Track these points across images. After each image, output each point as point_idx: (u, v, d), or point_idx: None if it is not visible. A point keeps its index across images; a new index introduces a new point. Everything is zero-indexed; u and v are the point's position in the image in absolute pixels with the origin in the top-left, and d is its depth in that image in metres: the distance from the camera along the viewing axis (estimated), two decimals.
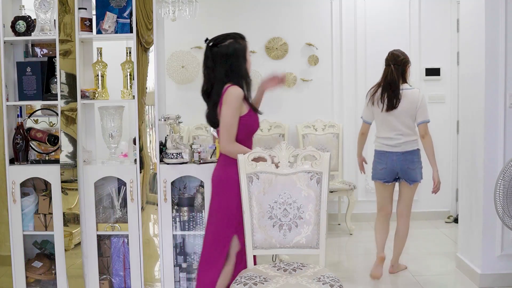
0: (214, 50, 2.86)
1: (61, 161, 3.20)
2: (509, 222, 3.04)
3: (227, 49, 2.83)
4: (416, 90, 3.93)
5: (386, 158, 3.92)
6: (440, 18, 5.72)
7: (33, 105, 3.51)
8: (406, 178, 3.92)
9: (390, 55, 3.99)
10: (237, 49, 2.84)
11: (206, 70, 2.87)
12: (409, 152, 3.88)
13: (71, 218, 3.24)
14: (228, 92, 2.76)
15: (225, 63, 2.82)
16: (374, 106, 3.93)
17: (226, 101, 2.75)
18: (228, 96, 2.75)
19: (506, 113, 3.63)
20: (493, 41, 3.60)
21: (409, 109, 3.85)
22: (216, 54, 2.84)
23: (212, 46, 2.88)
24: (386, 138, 3.91)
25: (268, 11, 5.73)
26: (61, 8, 3.15)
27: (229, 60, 2.82)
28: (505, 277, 3.70)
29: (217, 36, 2.91)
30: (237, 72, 2.83)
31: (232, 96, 2.75)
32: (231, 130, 2.75)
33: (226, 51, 2.82)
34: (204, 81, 2.89)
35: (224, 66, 2.81)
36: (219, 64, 2.82)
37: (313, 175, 2.68)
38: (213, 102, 2.84)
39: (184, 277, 3.32)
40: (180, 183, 3.35)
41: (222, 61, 2.82)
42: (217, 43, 2.87)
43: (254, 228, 2.69)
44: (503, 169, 3.03)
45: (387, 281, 4.01)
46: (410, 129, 3.88)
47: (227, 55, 2.82)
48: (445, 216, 5.79)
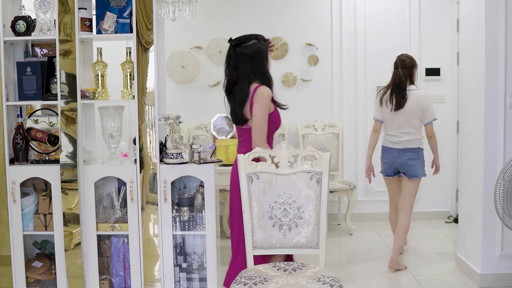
0: (237, 50, 2.99)
1: (61, 161, 3.20)
2: (509, 222, 3.04)
3: (251, 49, 2.97)
4: (422, 91, 4.19)
5: (388, 153, 4.27)
6: (440, 18, 5.72)
7: (33, 105, 3.50)
8: (405, 173, 4.21)
9: (398, 60, 4.24)
10: (261, 50, 2.99)
11: (229, 69, 3.01)
12: (409, 150, 4.16)
13: (71, 218, 3.24)
14: (259, 92, 2.92)
15: (249, 63, 2.96)
16: (383, 106, 4.23)
17: (258, 101, 2.91)
18: (259, 96, 2.91)
19: (506, 113, 3.63)
20: (493, 41, 3.60)
21: (415, 109, 4.13)
22: (240, 53, 2.97)
23: (235, 46, 3.01)
24: (391, 136, 4.22)
25: (268, 11, 5.73)
26: (61, 8, 3.15)
27: (253, 60, 2.96)
28: (505, 277, 3.70)
29: (241, 36, 3.04)
30: (261, 71, 2.98)
31: (264, 96, 2.91)
32: (264, 128, 2.91)
33: (250, 51, 2.96)
34: (227, 79, 3.03)
35: (248, 65, 2.96)
36: (243, 63, 2.96)
37: (313, 175, 2.68)
38: (239, 100, 2.95)
39: (184, 277, 3.32)
40: (180, 183, 3.35)
41: (246, 60, 2.96)
42: (240, 43, 3.00)
43: (254, 228, 2.69)
44: (503, 169, 3.03)
45: (387, 281, 4.01)
46: (415, 129, 4.16)
47: (252, 55, 2.96)
48: (445, 216, 5.79)
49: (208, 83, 5.77)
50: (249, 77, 2.96)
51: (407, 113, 4.12)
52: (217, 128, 5.23)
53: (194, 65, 5.72)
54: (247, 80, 2.96)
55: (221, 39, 5.69)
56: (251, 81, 2.97)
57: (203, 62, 5.75)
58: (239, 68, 2.97)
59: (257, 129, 2.90)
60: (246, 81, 2.96)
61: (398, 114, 4.14)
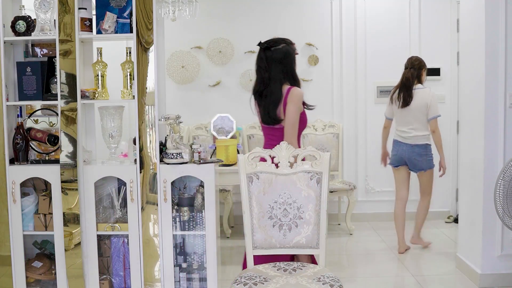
0: (268, 53, 3.15)
1: (61, 161, 3.20)
2: (509, 222, 3.04)
3: (281, 52, 3.14)
4: (427, 90, 4.61)
5: (398, 146, 4.67)
6: (440, 18, 5.72)
7: (33, 105, 3.50)
8: (412, 167, 4.64)
9: (408, 61, 4.71)
10: (290, 53, 3.16)
11: (260, 71, 3.17)
12: (418, 146, 4.56)
13: (71, 218, 3.24)
14: (293, 93, 3.09)
15: (279, 65, 3.12)
16: (393, 104, 4.67)
17: (292, 101, 3.07)
18: (293, 96, 3.08)
19: (506, 113, 3.63)
20: (493, 41, 3.60)
21: (421, 106, 4.53)
22: (271, 56, 3.14)
23: (265, 49, 3.17)
24: (401, 131, 4.63)
25: (268, 11, 5.73)
26: (61, 8, 3.15)
27: (284, 63, 3.13)
28: (505, 277, 3.70)
29: (270, 40, 3.21)
30: (291, 73, 3.16)
31: (297, 96, 3.09)
32: (296, 126, 3.10)
33: (280, 54, 3.13)
34: (257, 81, 3.19)
35: (279, 67, 3.12)
36: (274, 66, 3.12)
37: (313, 175, 2.69)
38: (273, 102, 3.10)
39: (184, 277, 3.32)
40: (180, 183, 3.35)
41: (277, 63, 3.12)
42: (270, 46, 3.16)
43: (254, 228, 2.69)
44: (503, 169, 3.03)
45: (387, 281, 4.02)
46: (422, 124, 4.55)
47: (282, 58, 3.13)
48: (445, 216, 5.79)
49: (208, 83, 5.77)
50: (281, 79, 3.11)
51: (414, 110, 4.52)
52: (217, 128, 5.23)
53: (194, 65, 5.72)
54: (279, 82, 3.11)
55: (221, 39, 5.69)
56: (282, 82, 3.12)
57: (203, 62, 5.75)
58: (271, 70, 3.12)
59: (290, 128, 3.07)
60: (278, 83, 3.11)
61: (406, 111, 4.55)
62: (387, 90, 5.75)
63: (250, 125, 5.68)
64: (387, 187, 5.78)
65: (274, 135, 3.17)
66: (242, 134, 5.59)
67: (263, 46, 3.19)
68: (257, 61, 3.20)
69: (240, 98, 5.77)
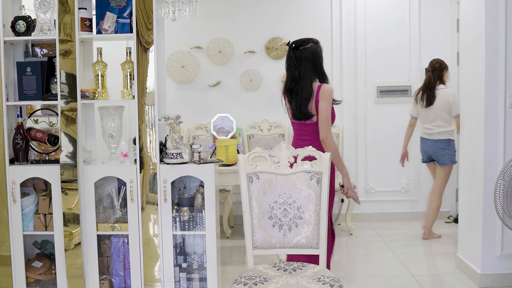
0: (297, 53, 3.26)
1: (61, 161, 3.20)
2: (509, 222, 3.04)
3: (310, 51, 3.26)
4: (449, 89, 4.97)
5: (424, 143, 5.08)
6: (440, 18, 5.72)
7: (33, 105, 3.50)
8: (437, 160, 5.02)
9: (429, 64, 5.06)
10: (318, 52, 3.29)
11: (290, 69, 3.29)
12: (440, 141, 4.93)
13: (71, 218, 3.24)
14: (324, 90, 3.21)
15: (309, 63, 3.24)
16: (417, 104, 5.04)
17: (324, 97, 3.20)
18: (325, 93, 3.21)
19: (506, 113, 3.63)
20: (493, 41, 3.60)
21: (443, 105, 4.88)
22: (300, 55, 3.25)
23: (294, 48, 3.27)
24: (426, 128, 5.02)
25: (268, 11, 5.73)
26: (61, 8, 3.15)
27: (313, 61, 3.25)
28: (505, 277, 3.70)
29: (298, 39, 3.33)
30: (320, 70, 3.28)
31: (329, 92, 3.22)
32: (330, 120, 3.24)
33: (309, 53, 3.25)
34: (288, 79, 3.32)
35: (308, 65, 3.24)
36: (304, 64, 3.24)
37: (313, 175, 2.69)
38: (304, 98, 3.22)
39: (184, 277, 3.32)
40: (180, 183, 3.35)
41: (307, 61, 3.24)
42: (299, 46, 3.27)
43: (254, 228, 2.69)
44: (503, 169, 3.03)
45: (387, 281, 4.02)
46: (445, 122, 4.91)
47: (311, 56, 3.25)
48: (445, 216, 5.79)
49: (208, 83, 5.77)
50: (310, 76, 3.24)
51: (437, 108, 4.89)
52: (217, 128, 5.22)
53: (194, 65, 5.72)
54: (309, 80, 3.23)
55: (221, 39, 5.69)
56: (312, 79, 3.25)
57: (203, 62, 5.75)
58: (301, 68, 3.24)
59: (325, 122, 3.21)
60: (308, 80, 3.23)
61: (429, 110, 4.93)
62: (387, 90, 5.75)
63: (250, 125, 5.69)
64: (387, 187, 5.78)
65: (305, 130, 3.30)
66: (242, 134, 5.59)
67: (292, 46, 3.29)
68: (287, 60, 3.32)
69: (240, 98, 5.77)
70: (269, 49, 5.74)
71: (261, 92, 5.77)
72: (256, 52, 5.74)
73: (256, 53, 5.74)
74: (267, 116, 5.77)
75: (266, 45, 5.73)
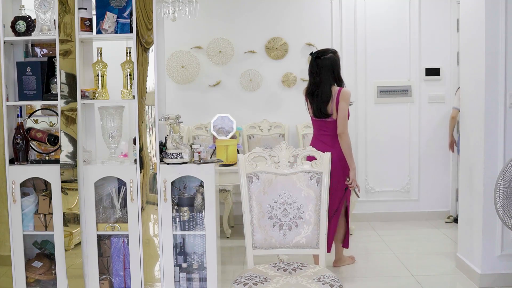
0: (318, 61, 3.86)
1: (61, 161, 3.20)
2: (509, 222, 3.04)
3: (330, 60, 3.85)
4: None
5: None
6: (440, 18, 5.72)
7: (33, 105, 3.50)
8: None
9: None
10: (336, 61, 3.89)
11: (312, 75, 3.90)
12: None
13: (71, 218, 3.24)
14: (344, 93, 3.83)
15: (328, 71, 3.84)
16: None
17: (344, 99, 3.81)
18: (345, 95, 3.82)
19: (506, 113, 3.63)
20: (493, 41, 3.60)
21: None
22: (321, 64, 3.85)
23: (316, 58, 3.88)
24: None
25: (268, 11, 5.73)
26: (61, 8, 3.15)
27: (332, 69, 3.85)
28: (505, 277, 3.70)
29: (319, 50, 3.95)
30: (337, 76, 3.89)
31: (348, 95, 3.84)
32: (347, 118, 3.83)
33: (329, 62, 3.85)
34: (310, 83, 3.92)
35: (328, 72, 3.84)
36: (324, 71, 3.83)
37: (313, 175, 2.69)
38: (324, 100, 3.83)
39: (184, 277, 3.32)
40: (180, 183, 3.35)
41: (326, 69, 3.84)
42: (320, 56, 3.87)
43: (254, 228, 2.69)
44: (503, 169, 3.03)
45: (387, 281, 4.01)
46: None
47: (330, 65, 3.85)
48: (445, 216, 5.79)
49: (208, 83, 5.77)
50: (330, 82, 3.83)
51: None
52: (217, 128, 5.22)
53: (194, 65, 5.72)
54: (328, 85, 3.83)
55: (221, 39, 5.69)
56: (331, 84, 3.83)
57: (203, 62, 5.75)
58: (321, 75, 3.84)
59: (343, 119, 3.82)
60: (327, 85, 3.82)
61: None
62: (387, 90, 5.75)
63: (250, 125, 5.68)
64: (387, 187, 5.78)
65: (325, 126, 3.92)
66: (242, 134, 5.59)
67: (314, 56, 3.89)
68: (309, 67, 3.91)
69: (240, 98, 5.77)
70: (269, 49, 5.74)
71: (261, 92, 5.77)
72: (256, 52, 5.74)
73: (256, 53, 5.74)
74: (267, 116, 5.77)
75: (266, 45, 5.73)
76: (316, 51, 3.92)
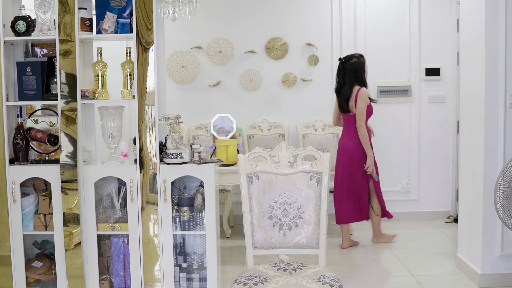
0: (345, 65, 4.69)
1: (61, 161, 3.20)
2: (509, 222, 3.04)
3: (354, 64, 4.67)
4: None
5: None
6: (440, 18, 5.72)
7: (33, 105, 3.50)
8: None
9: None
10: (360, 65, 4.68)
11: (339, 77, 4.73)
12: None
13: (71, 218, 3.24)
14: (363, 92, 4.60)
15: (352, 73, 4.66)
16: None
17: (361, 98, 4.58)
18: (363, 94, 4.59)
19: (506, 113, 3.63)
20: (493, 41, 3.60)
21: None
22: (346, 68, 4.68)
23: (344, 62, 4.70)
24: None
25: (268, 11, 5.73)
26: (61, 8, 3.15)
27: (354, 72, 4.66)
28: (505, 277, 3.70)
29: (347, 56, 4.78)
30: (360, 78, 4.67)
31: (365, 94, 4.61)
32: (364, 115, 4.59)
33: (353, 66, 4.67)
34: (337, 83, 4.76)
35: (352, 75, 4.66)
36: (348, 73, 4.67)
37: (313, 175, 2.69)
38: (345, 98, 4.66)
39: (184, 277, 3.32)
40: (180, 183, 3.35)
41: (350, 72, 4.66)
42: (346, 61, 4.70)
43: (254, 228, 2.69)
44: (503, 169, 3.03)
45: (387, 281, 4.02)
46: None
47: (354, 68, 4.66)
48: (445, 216, 5.79)
49: (208, 83, 5.77)
50: (351, 83, 4.65)
51: None
52: (217, 128, 5.22)
53: (194, 65, 5.72)
54: (350, 85, 4.65)
55: (221, 39, 5.69)
56: (353, 85, 4.64)
57: (203, 62, 5.75)
58: (345, 77, 4.67)
59: (360, 116, 4.60)
60: (349, 86, 4.65)
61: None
62: (387, 90, 5.76)
63: (250, 125, 5.69)
64: (387, 187, 5.77)
65: (348, 119, 4.73)
66: (242, 134, 5.59)
67: (342, 61, 4.70)
68: (337, 70, 4.74)
69: (240, 98, 5.77)
70: (269, 49, 5.74)
71: (261, 92, 5.78)
72: (256, 52, 5.74)
73: (256, 53, 5.74)
74: (267, 116, 5.77)
75: (266, 45, 5.74)
76: (344, 56, 4.74)
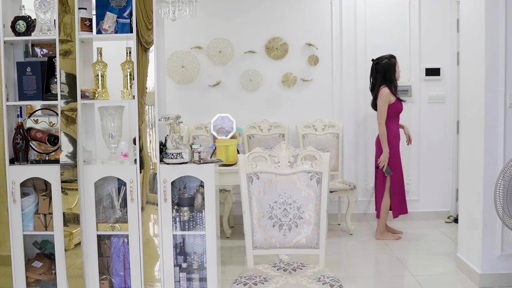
0: (376, 66, 5.02)
1: (61, 161, 3.20)
2: (509, 222, 3.04)
3: (384, 65, 4.99)
4: None
5: None
6: (440, 18, 5.72)
7: (33, 105, 3.50)
8: None
9: None
10: (389, 65, 4.98)
11: (372, 77, 5.09)
12: None
13: (71, 218, 3.24)
14: (382, 92, 4.94)
15: (381, 74, 4.99)
16: None
17: (381, 97, 4.95)
18: (381, 94, 4.95)
19: (506, 113, 3.63)
20: (493, 41, 3.60)
21: None
22: (377, 68, 5.01)
23: (376, 63, 5.03)
24: None
25: (268, 11, 5.73)
26: (61, 8, 3.15)
27: (384, 72, 4.98)
28: (505, 277, 3.70)
29: (379, 57, 5.08)
30: (389, 78, 4.98)
31: (384, 94, 4.93)
32: (382, 113, 4.92)
33: (383, 67, 4.99)
34: (370, 83, 5.12)
35: (381, 75, 4.99)
36: (378, 74, 5.01)
37: (313, 175, 2.69)
38: (374, 97, 5.05)
39: (184, 277, 3.33)
40: (180, 183, 3.35)
41: (381, 72, 4.99)
42: (377, 62, 5.03)
43: (254, 228, 2.69)
44: (503, 169, 3.03)
45: (387, 281, 4.02)
46: None
47: (384, 69, 4.98)
48: (445, 216, 5.79)
49: (208, 83, 5.77)
50: (380, 83, 4.98)
51: None
52: (217, 128, 5.22)
53: (194, 65, 5.72)
54: (378, 85, 4.98)
55: (221, 39, 5.69)
56: (381, 85, 4.97)
57: (203, 62, 5.75)
58: (376, 77, 5.03)
59: (379, 114, 4.97)
60: (378, 86, 4.98)
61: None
62: None
63: (250, 125, 5.69)
64: None
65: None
66: (242, 134, 5.59)
67: (375, 62, 5.04)
68: (370, 70, 5.11)
69: (240, 98, 5.77)
70: (269, 49, 5.74)
71: (261, 92, 5.77)
72: (256, 52, 5.74)
73: (256, 53, 5.74)
74: (267, 116, 5.77)
75: (266, 45, 5.73)
76: (376, 57, 5.05)
